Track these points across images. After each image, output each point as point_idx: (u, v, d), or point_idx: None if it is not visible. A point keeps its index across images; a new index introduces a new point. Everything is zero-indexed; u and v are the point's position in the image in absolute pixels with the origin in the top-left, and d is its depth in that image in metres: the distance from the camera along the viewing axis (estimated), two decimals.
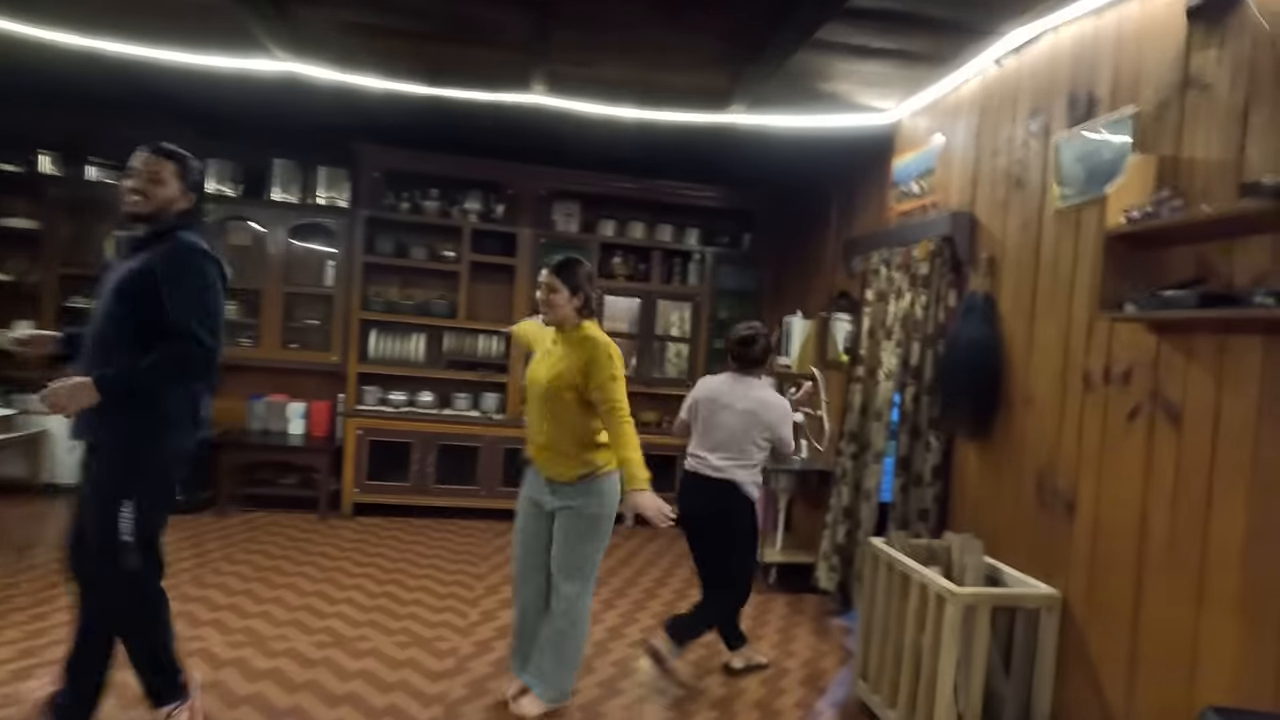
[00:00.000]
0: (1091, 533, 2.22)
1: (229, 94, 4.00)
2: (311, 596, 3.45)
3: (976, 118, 2.97)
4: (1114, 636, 2.11)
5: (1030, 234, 2.58)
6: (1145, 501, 2.04)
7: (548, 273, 2.39)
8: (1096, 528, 2.21)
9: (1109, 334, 2.18)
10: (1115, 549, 2.13)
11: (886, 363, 3.37)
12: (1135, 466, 2.08)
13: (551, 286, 2.38)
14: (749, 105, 3.51)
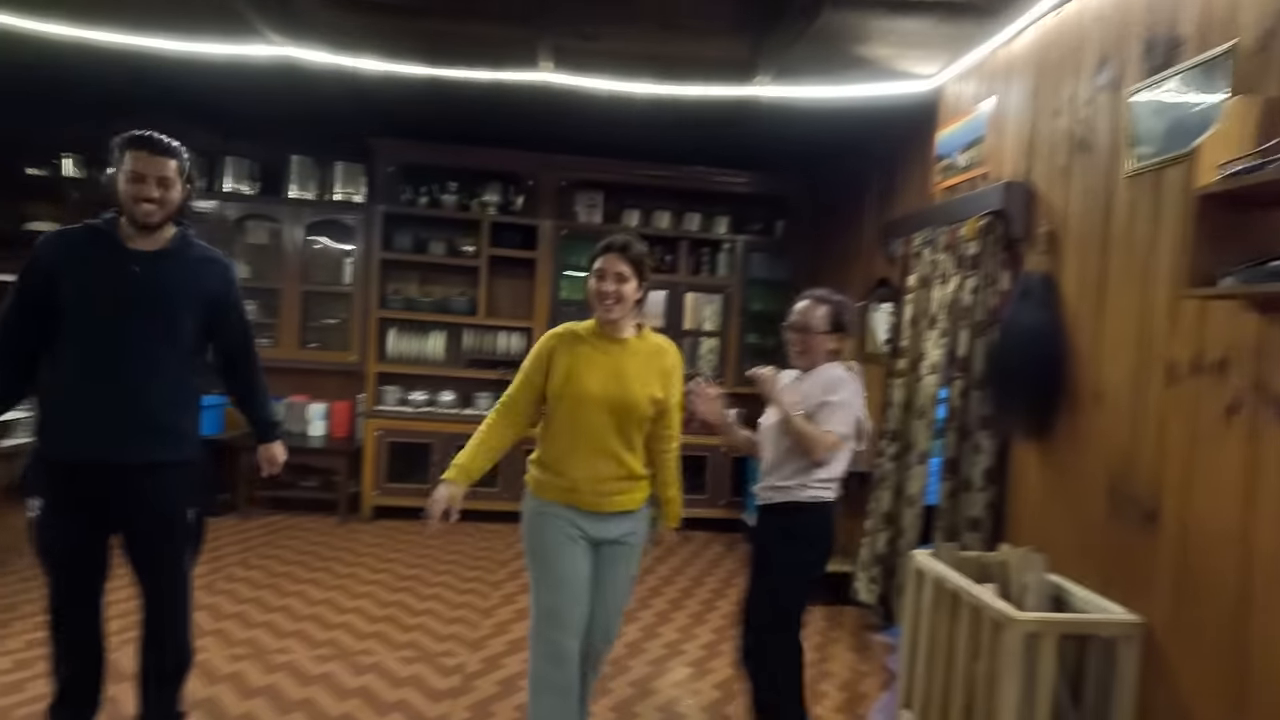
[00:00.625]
0: (1179, 548, 1.89)
1: (239, 88, 3.90)
2: (321, 605, 3.31)
3: (1032, 76, 2.63)
4: (1214, 671, 1.78)
5: (1098, 203, 2.25)
6: (1249, 512, 1.70)
7: (616, 255, 1.90)
8: (1185, 542, 1.87)
9: (1199, 315, 1.85)
10: (1211, 567, 1.79)
11: (930, 354, 3.05)
12: (1235, 471, 1.74)
13: (621, 275, 1.90)
14: (774, 76, 3.22)
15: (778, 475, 2.21)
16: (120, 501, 1.90)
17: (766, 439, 2.28)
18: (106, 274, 1.87)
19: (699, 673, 2.90)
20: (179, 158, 1.92)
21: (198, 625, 2.95)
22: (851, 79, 3.26)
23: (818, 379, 2.18)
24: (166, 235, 1.94)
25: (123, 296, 1.88)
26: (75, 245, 1.91)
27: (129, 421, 1.88)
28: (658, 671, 2.89)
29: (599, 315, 1.96)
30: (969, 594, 2.15)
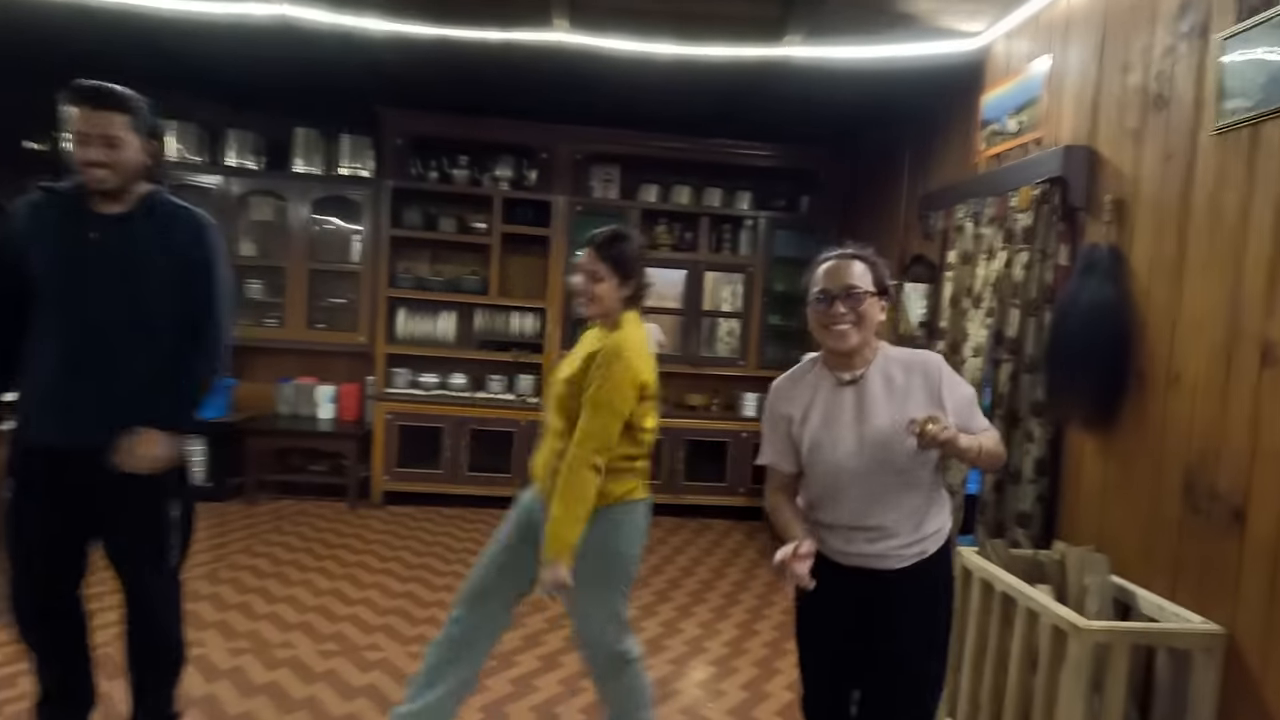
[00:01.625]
0: (1272, 551, 1.68)
1: (239, 55, 3.71)
2: (327, 595, 3.19)
3: (1097, 28, 2.38)
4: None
5: (1178, 166, 2.01)
6: None
7: (589, 251, 1.81)
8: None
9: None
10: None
11: (974, 335, 2.83)
12: None
13: (594, 273, 1.80)
14: (806, 35, 2.98)
15: (895, 526, 1.52)
16: (93, 492, 1.73)
17: (848, 480, 1.53)
18: (66, 242, 1.70)
19: (723, 672, 2.74)
20: (130, 110, 1.68)
21: (198, 617, 2.84)
22: (889, 38, 3.01)
23: (918, 368, 1.55)
24: (135, 196, 1.74)
25: (81, 267, 1.69)
26: (40, 213, 1.74)
27: (97, 405, 1.70)
28: (679, 671, 2.73)
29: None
30: (1025, 597, 1.96)
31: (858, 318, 1.50)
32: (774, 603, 3.43)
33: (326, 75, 3.99)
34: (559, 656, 2.76)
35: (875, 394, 1.53)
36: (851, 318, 1.50)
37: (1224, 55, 1.85)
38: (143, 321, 1.74)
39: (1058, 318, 2.34)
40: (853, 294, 1.50)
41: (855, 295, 1.50)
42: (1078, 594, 2.06)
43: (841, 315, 1.50)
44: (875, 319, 1.54)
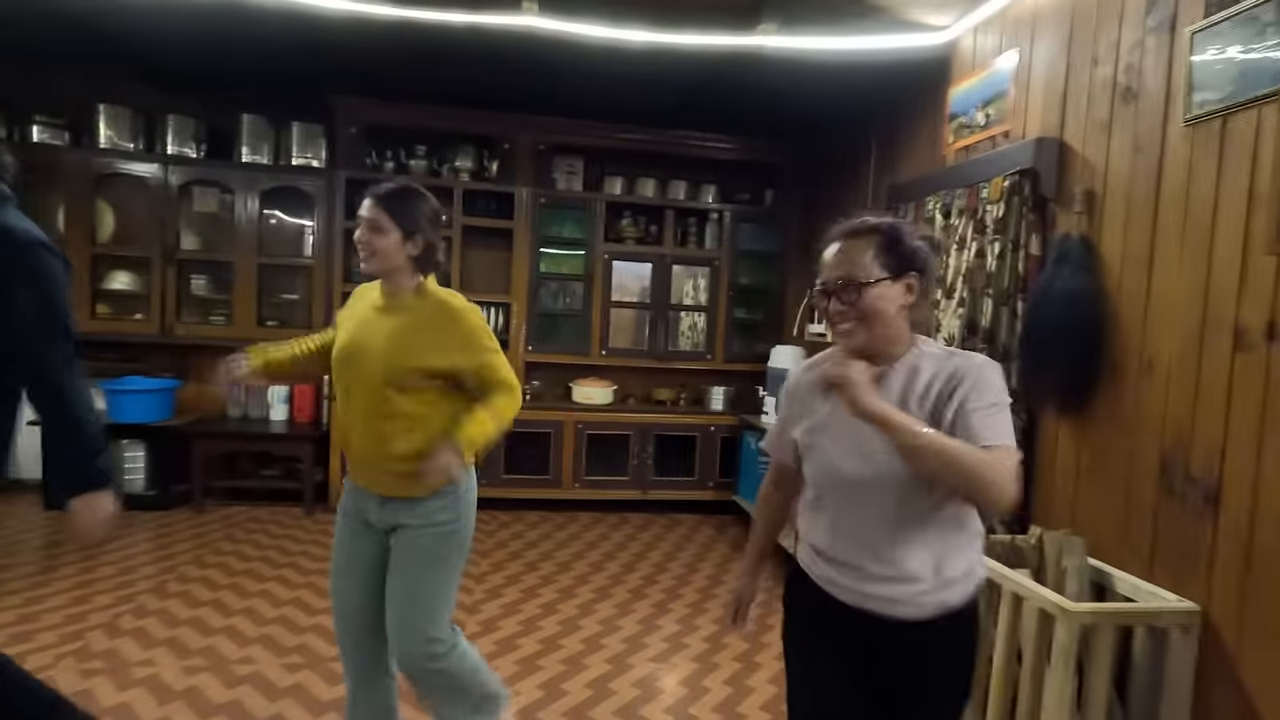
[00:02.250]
0: (1246, 529, 1.74)
1: (179, 34, 3.48)
2: (288, 606, 3.03)
3: (1065, 23, 2.43)
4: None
5: (1148, 157, 2.06)
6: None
7: (371, 203, 1.69)
8: (1254, 522, 1.72)
9: (1277, 276, 1.68)
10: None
11: (947, 326, 2.87)
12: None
13: (375, 224, 1.67)
14: (780, 24, 2.97)
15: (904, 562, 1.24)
16: None
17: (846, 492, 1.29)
18: None
19: (705, 668, 2.71)
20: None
21: (147, 634, 2.67)
22: (859, 30, 3.02)
23: (950, 368, 1.23)
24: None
25: None
26: None
27: None
28: (661, 669, 2.69)
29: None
30: (1009, 582, 1.98)
31: (860, 314, 1.22)
32: None
33: (275, 59, 3.79)
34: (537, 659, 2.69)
35: (892, 394, 1.23)
36: (853, 315, 1.23)
37: (1193, 49, 1.90)
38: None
39: (1031, 307, 2.38)
40: (850, 286, 1.22)
41: (853, 288, 1.22)
42: (1056, 577, 2.10)
43: (841, 313, 1.24)
44: (887, 312, 1.22)
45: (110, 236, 4.33)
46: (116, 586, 3.09)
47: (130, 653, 2.54)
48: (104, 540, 1.47)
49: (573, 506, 4.64)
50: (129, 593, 3.04)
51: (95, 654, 2.52)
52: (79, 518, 1.56)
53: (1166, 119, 2.01)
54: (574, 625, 3.00)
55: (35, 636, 2.61)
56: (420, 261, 1.73)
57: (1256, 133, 1.73)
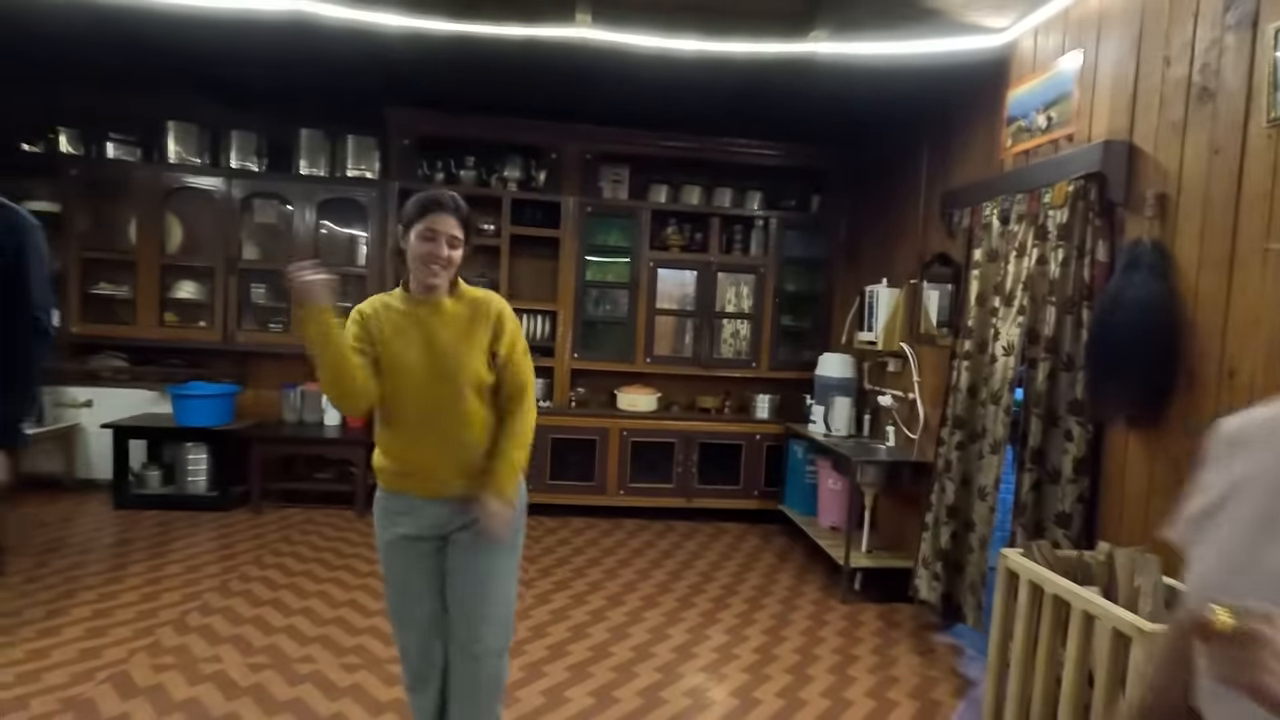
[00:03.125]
0: None
1: (244, 53, 3.63)
2: (344, 607, 3.10)
3: (1136, 21, 2.35)
4: None
5: (1227, 159, 1.98)
6: None
7: (448, 218, 1.68)
8: None
9: None
10: None
11: (1005, 334, 2.80)
12: None
13: (455, 239, 1.69)
14: (833, 30, 2.95)
15: None
16: None
17: None
18: None
19: (756, 679, 2.68)
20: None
21: (213, 632, 2.76)
22: (914, 33, 2.98)
23: None
24: None
25: None
26: None
27: None
28: (711, 680, 2.67)
29: (422, 280, 1.71)
30: (1082, 600, 1.91)
31: None
32: (798, 607, 3.38)
33: (333, 74, 3.91)
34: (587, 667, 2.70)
35: None
36: None
37: (1277, 46, 1.82)
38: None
39: (1100, 315, 2.30)
40: None
41: None
42: (1129, 595, 2.02)
43: None
44: None
45: (178, 248, 4.52)
46: (183, 584, 3.20)
47: (199, 649, 2.64)
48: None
49: (618, 514, 4.64)
50: (195, 590, 3.15)
51: (166, 650, 2.62)
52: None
53: (1247, 119, 1.93)
54: (623, 633, 3.00)
55: (110, 631, 2.73)
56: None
57: None
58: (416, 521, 1.77)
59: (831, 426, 4.11)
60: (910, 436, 3.70)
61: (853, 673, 2.76)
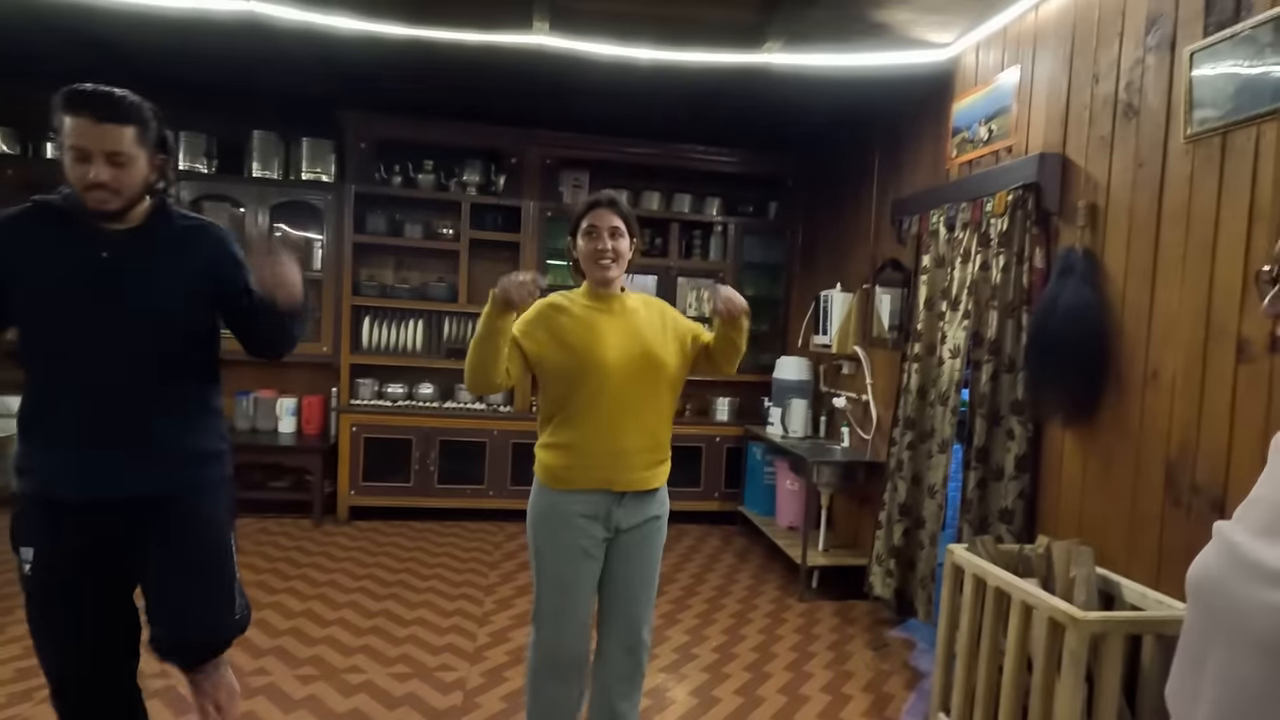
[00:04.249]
0: None
1: (194, 51, 3.54)
2: (300, 617, 3.05)
3: (1068, 40, 2.48)
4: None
5: (1150, 173, 2.11)
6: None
7: (607, 210, 1.77)
8: None
9: None
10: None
11: (952, 337, 2.91)
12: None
13: (617, 229, 1.77)
14: (785, 42, 3.03)
15: None
16: (131, 549, 1.54)
17: None
18: (68, 264, 1.46)
19: (715, 678, 2.72)
20: (139, 121, 1.44)
21: None
22: (864, 47, 3.08)
23: None
24: (142, 208, 1.53)
25: (94, 289, 1.46)
26: (24, 232, 1.48)
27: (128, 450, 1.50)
28: (672, 680, 2.70)
29: (595, 275, 1.82)
30: (1021, 591, 2.01)
31: None
32: (757, 606, 3.44)
33: (287, 76, 3.85)
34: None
35: None
36: None
37: (1193, 67, 1.95)
38: (163, 351, 1.53)
39: (1036, 319, 2.42)
40: None
41: None
42: (1065, 586, 2.12)
43: None
44: None
45: None
46: None
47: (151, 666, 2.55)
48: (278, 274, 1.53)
49: None
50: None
51: None
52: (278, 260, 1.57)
53: (1167, 135, 2.05)
54: None
55: None
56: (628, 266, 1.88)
57: (1256, 150, 1.78)
58: (592, 519, 1.80)
59: (789, 428, 4.20)
60: (864, 437, 3.81)
61: (809, 669, 2.83)
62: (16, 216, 1.50)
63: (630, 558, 1.86)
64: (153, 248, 1.53)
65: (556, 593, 1.82)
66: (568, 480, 1.80)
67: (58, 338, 1.47)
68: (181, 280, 1.54)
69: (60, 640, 1.52)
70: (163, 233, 1.55)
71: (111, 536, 1.52)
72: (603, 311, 1.82)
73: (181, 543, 1.57)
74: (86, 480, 1.48)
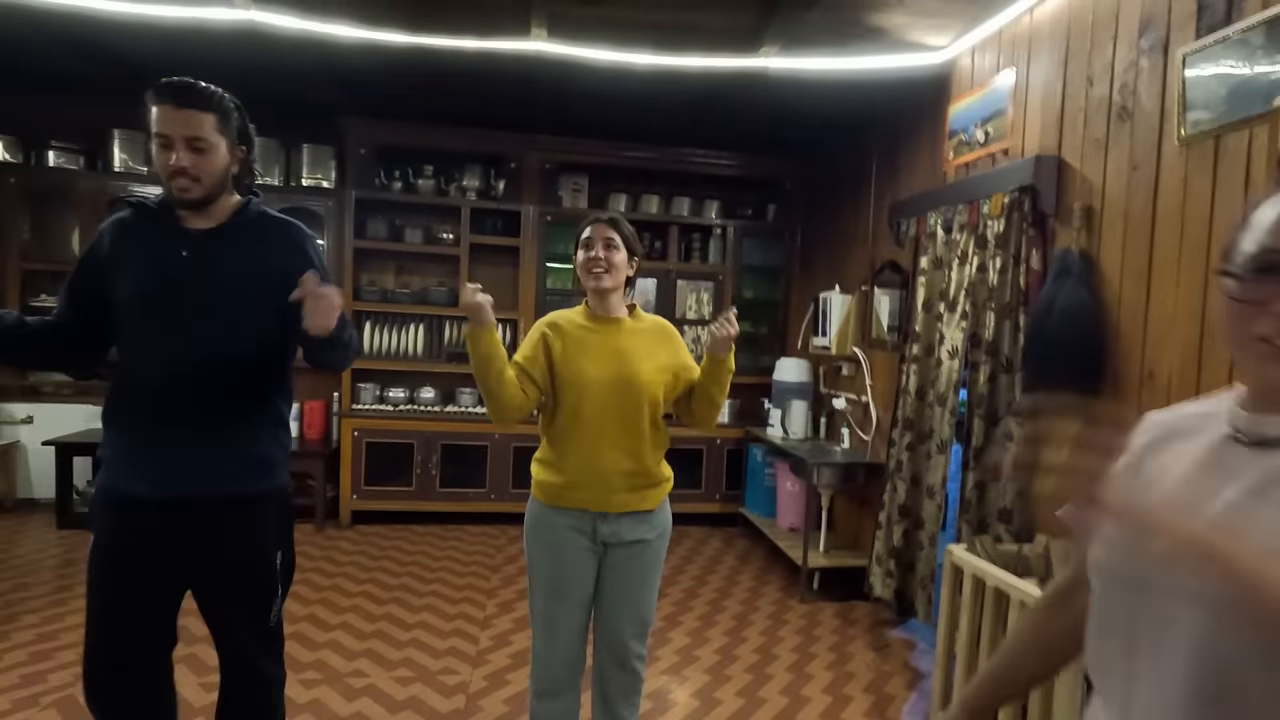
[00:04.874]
0: None
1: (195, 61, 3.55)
2: (303, 622, 3.06)
3: (1062, 43, 2.50)
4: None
5: (1144, 175, 2.12)
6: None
7: (604, 224, 1.83)
8: None
9: None
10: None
11: (950, 338, 2.92)
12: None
13: (610, 241, 1.81)
14: (782, 47, 3.04)
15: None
16: (186, 547, 1.54)
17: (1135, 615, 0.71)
18: (154, 261, 1.51)
19: (716, 680, 2.73)
20: (218, 109, 1.46)
21: None
22: (860, 51, 3.10)
23: None
24: (227, 207, 1.55)
25: (170, 288, 1.50)
26: (125, 230, 1.55)
27: (191, 449, 1.52)
28: (673, 682, 2.71)
29: (589, 285, 1.85)
30: (1018, 591, 2.02)
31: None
32: (758, 608, 3.45)
33: (287, 84, 3.87)
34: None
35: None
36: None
37: (1186, 70, 1.96)
38: (239, 351, 1.54)
39: (1033, 320, 2.43)
40: None
41: None
42: None
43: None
44: None
45: None
46: None
47: None
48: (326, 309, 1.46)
49: None
50: None
51: None
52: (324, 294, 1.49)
53: (1161, 138, 2.07)
54: None
55: (55, 655, 2.65)
56: (632, 284, 1.92)
57: (1249, 152, 1.79)
58: (579, 533, 1.81)
59: (789, 430, 4.21)
60: (864, 438, 3.82)
61: (810, 670, 2.84)
62: (123, 218, 1.57)
63: (617, 578, 1.85)
64: (231, 246, 1.54)
65: (549, 600, 1.84)
66: (555, 497, 1.83)
67: (137, 335, 1.53)
68: (254, 281, 1.54)
69: (104, 628, 1.54)
70: (243, 231, 1.55)
71: (169, 534, 1.53)
72: (595, 332, 1.84)
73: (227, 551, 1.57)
74: (147, 476, 1.51)
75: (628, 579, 1.85)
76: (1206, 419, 0.77)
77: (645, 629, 1.91)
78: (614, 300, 1.86)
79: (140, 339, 1.53)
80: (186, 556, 1.54)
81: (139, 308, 1.52)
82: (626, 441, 1.81)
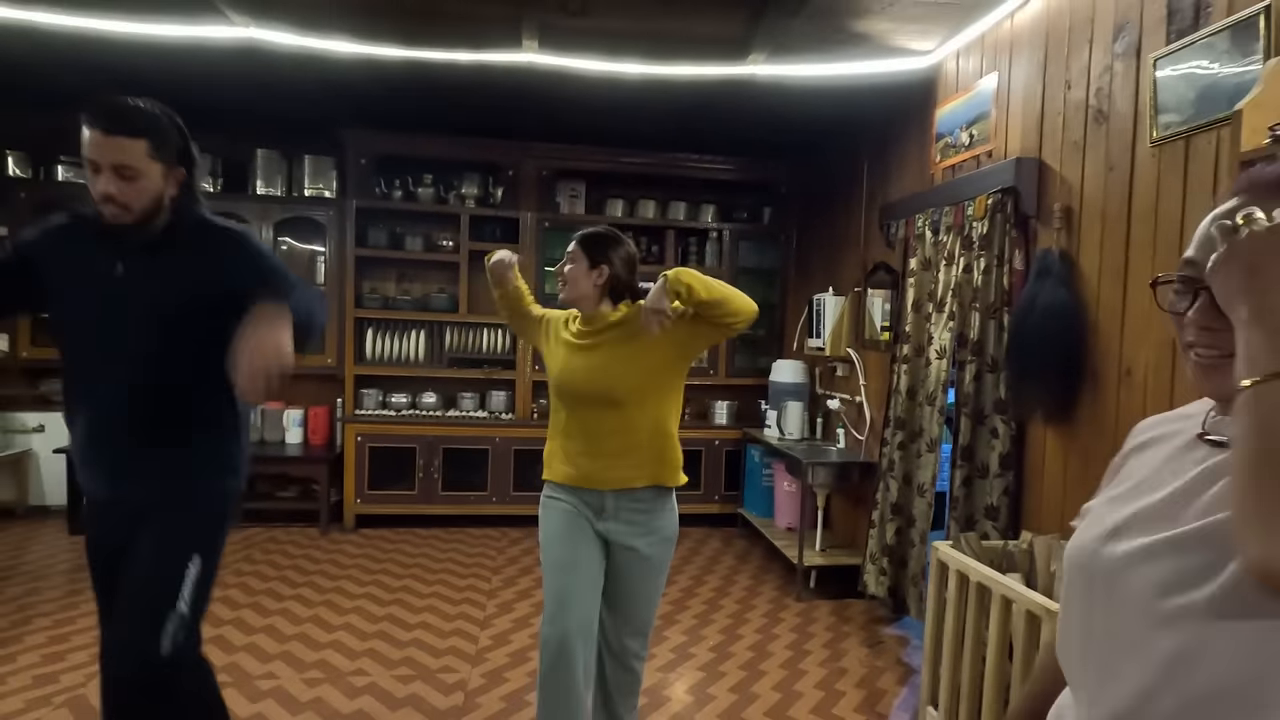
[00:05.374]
0: None
1: (198, 76, 3.65)
2: (307, 623, 3.13)
3: (1041, 47, 2.54)
4: None
5: (1119, 176, 2.16)
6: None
7: (574, 241, 1.97)
8: None
9: None
10: None
11: (939, 339, 2.97)
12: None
13: (570, 255, 1.94)
14: (769, 54, 3.10)
15: None
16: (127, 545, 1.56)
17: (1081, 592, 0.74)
18: (85, 275, 1.49)
19: (711, 676, 2.78)
20: (152, 134, 1.41)
21: None
22: (847, 56, 3.15)
23: None
24: (163, 221, 1.50)
25: (103, 303, 1.49)
26: (53, 240, 1.53)
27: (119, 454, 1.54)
28: (668, 678, 2.76)
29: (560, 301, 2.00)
30: (1000, 586, 2.06)
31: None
32: (755, 607, 3.50)
33: (287, 97, 3.96)
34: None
35: None
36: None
37: (1157, 73, 2.01)
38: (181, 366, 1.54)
39: (1016, 320, 2.47)
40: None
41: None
42: (1047, 580, 2.17)
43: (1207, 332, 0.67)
44: None
45: None
46: None
47: None
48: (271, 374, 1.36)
49: None
50: None
51: None
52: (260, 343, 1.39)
53: (1135, 140, 2.11)
54: None
55: (67, 657, 2.72)
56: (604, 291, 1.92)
57: (1216, 153, 1.83)
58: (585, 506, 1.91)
59: (785, 430, 4.25)
60: (858, 438, 3.86)
61: (804, 666, 2.89)
62: (58, 226, 1.56)
63: (620, 580, 1.92)
64: (165, 258, 1.51)
65: (557, 573, 1.88)
66: (561, 475, 1.95)
67: (75, 345, 1.55)
68: (189, 290, 1.51)
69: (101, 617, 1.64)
70: (179, 243, 1.52)
71: (118, 534, 1.59)
72: (577, 340, 1.94)
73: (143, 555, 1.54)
74: (92, 479, 1.59)
75: (630, 582, 1.92)
76: (1188, 421, 0.77)
77: (645, 630, 1.98)
78: (589, 308, 1.93)
79: (76, 350, 1.54)
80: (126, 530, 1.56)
81: (73, 320, 1.52)
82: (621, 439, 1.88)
